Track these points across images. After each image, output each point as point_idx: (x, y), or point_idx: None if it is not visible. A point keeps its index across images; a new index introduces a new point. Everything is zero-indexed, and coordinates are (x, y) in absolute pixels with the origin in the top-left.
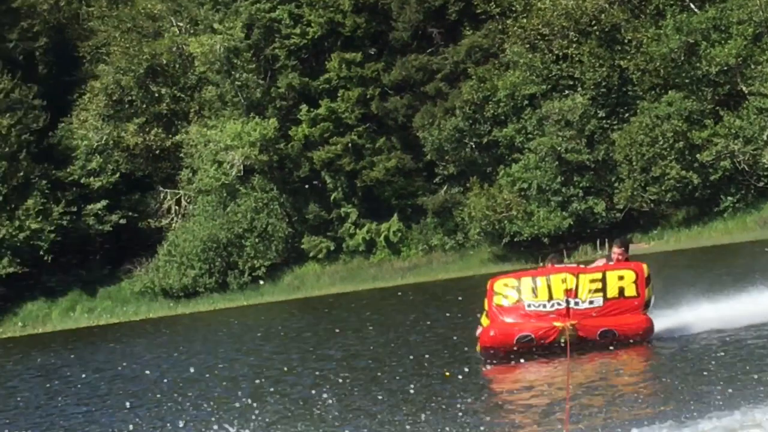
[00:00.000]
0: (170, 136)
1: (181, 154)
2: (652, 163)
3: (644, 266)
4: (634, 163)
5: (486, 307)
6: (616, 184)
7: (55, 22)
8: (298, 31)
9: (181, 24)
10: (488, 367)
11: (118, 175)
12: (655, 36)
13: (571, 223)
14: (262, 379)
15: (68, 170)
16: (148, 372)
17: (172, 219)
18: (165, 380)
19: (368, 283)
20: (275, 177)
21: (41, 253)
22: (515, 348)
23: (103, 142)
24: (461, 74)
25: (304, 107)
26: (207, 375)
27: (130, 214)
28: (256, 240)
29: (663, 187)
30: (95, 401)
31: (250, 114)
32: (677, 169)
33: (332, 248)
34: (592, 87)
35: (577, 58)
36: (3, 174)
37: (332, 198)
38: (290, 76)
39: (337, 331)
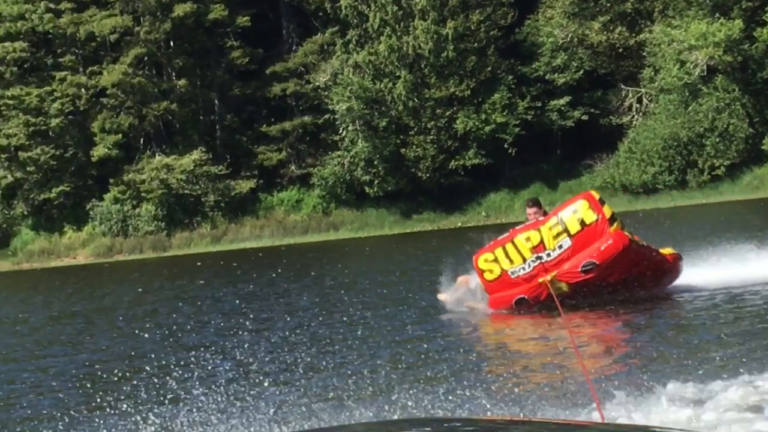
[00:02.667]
0: (633, 35)
1: (644, 53)
2: None
3: (591, 191)
4: None
5: (482, 284)
6: None
7: None
8: None
9: None
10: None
11: (581, 72)
12: None
13: None
14: None
15: (533, 66)
16: None
17: (633, 116)
18: None
19: None
20: (738, 78)
21: (505, 146)
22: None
23: (568, 39)
24: None
25: None
26: None
27: (592, 110)
28: (717, 140)
29: None
30: None
31: (715, 14)
32: None
33: None
34: None
35: None
36: (472, 68)
37: None
38: None
39: None
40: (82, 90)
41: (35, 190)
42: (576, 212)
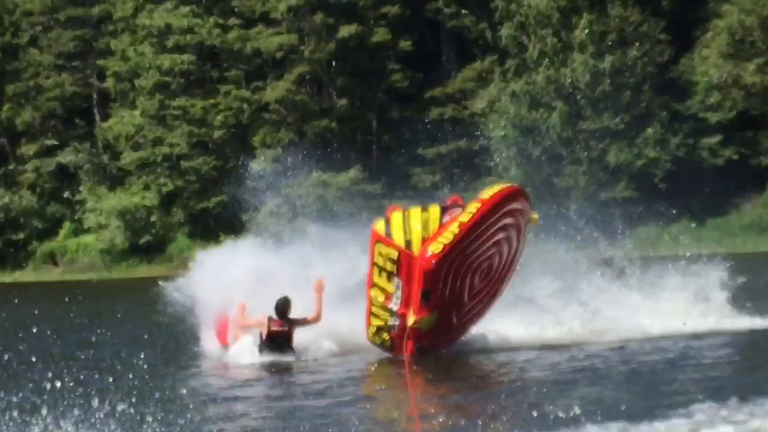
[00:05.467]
0: None
1: None
2: None
3: (374, 228)
4: None
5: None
6: None
7: None
8: None
9: None
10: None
11: (734, 112)
12: None
13: None
14: None
15: (687, 104)
16: None
17: None
18: None
19: None
20: None
21: (655, 180)
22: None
23: (722, 79)
24: None
25: None
26: None
27: (743, 150)
28: None
29: None
30: None
31: None
32: None
33: None
34: None
35: None
36: (627, 103)
37: None
38: None
39: None
40: (245, 104)
41: (194, 199)
42: (381, 255)
